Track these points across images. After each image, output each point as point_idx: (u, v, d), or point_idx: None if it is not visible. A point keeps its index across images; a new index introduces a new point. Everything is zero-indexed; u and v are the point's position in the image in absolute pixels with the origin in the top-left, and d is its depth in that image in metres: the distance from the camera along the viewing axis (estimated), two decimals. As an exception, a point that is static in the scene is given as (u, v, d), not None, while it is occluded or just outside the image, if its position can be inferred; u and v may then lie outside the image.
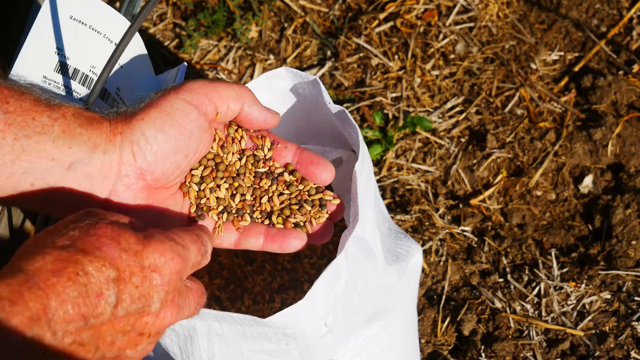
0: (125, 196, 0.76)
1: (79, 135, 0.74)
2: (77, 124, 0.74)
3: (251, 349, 0.85)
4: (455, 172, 1.38)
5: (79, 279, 0.61)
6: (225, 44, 1.49)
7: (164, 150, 0.76)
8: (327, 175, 0.85)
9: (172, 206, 0.81)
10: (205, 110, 0.79)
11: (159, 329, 0.67)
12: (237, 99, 0.81)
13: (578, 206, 1.35)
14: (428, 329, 1.25)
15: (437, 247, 1.31)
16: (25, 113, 0.72)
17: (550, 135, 1.39)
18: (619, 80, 1.41)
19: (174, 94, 0.78)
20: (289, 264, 1.19)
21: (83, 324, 0.61)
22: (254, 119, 0.82)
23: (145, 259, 0.65)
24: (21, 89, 0.74)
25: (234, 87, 0.81)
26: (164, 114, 0.77)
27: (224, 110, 0.81)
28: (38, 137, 0.72)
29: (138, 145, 0.75)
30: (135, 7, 1.02)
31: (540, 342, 1.22)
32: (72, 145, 0.73)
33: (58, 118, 0.74)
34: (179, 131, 0.77)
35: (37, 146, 0.72)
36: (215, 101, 0.80)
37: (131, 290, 0.64)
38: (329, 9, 1.51)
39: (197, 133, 0.79)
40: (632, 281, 1.25)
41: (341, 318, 0.87)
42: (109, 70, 0.85)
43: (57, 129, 0.73)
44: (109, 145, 0.75)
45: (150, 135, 0.76)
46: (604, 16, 1.49)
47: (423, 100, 1.43)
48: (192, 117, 0.78)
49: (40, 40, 0.94)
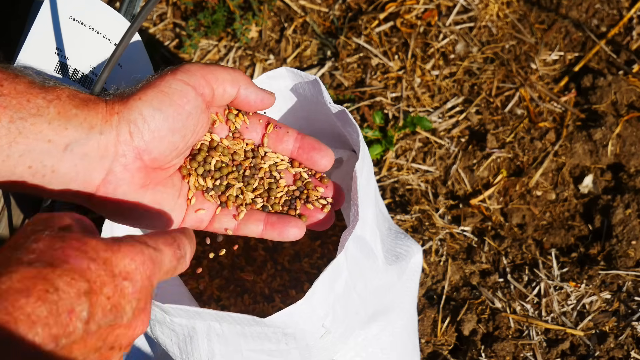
0: (123, 177, 0.76)
1: (74, 116, 0.73)
2: (72, 105, 0.74)
3: (251, 348, 0.85)
4: (455, 172, 1.38)
5: (49, 296, 0.56)
6: (225, 44, 1.49)
7: (161, 129, 0.76)
8: (327, 161, 0.85)
9: (169, 188, 0.80)
10: (203, 92, 0.79)
11: (129, 341, 0.62)
12: (233, 82, 0.81)
13: (578, 206, 1.35)
14: (428, 329, 1.25)
15: (437, 247, 1.31)
16: (20, 95, 0.72)
17: (550, 135, 1.39)
18: (619, 80, 1.41)
19: (171, 74, 0.78)
20: (289, 264, 1.19)
21: (54, 346, 0.56)
22: (251, 101, 0.82)
23: (115, 267, 0.60)
24: (15, 71, 0.74)
25: (230, 71, 0.81)
26: (161, 93, 0.76)
27: (221, 93, 0.81)
28: (34, 119, 0.72)
29: (135, 124, 0.75)
30: (135, 7, 1.02)
31: (540, 342, 1.22)
32: (67, 126, 0.73)
33: (53, 100, 0.73)
34: (176, 111, 0.77)
35: (33, 128, 0.72)
36: (212, 83, 0.79)
37: (103, 303, 0.58)
38: (329, 9, 1.51)
39: (194, 113, 0.78)
40: (632, 281, 1.25)
41: (341, 318, 0.87)
42: (109, 71, 0.85)
43: (53, 110, 0.73)
44: (105, 125, 0.74)
45: (147, 115, 0.75)
46: (604, 16, 1.49)
47: (423, 100, 1.43)
48: (189, 98, 0.77)
49: (40, 41, 0.94)
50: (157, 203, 0.79)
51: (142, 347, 1.05)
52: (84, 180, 0.75)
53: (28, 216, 1.22)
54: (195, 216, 0.83)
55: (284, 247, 1.20)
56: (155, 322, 0.86)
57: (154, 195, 0.79)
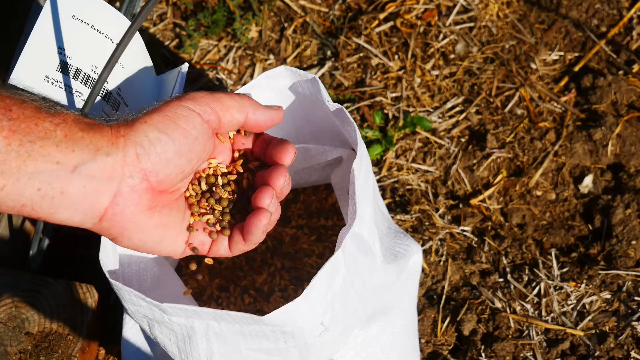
0: (130, 197, 0.77)
1: (81, 139, 0.75)
2: (78, 128, 0.75)
3: (249, 347, 0.85)
4: (455, 172, 1.38)
5: None
6: (225, 44, 1.49)
7: (167, 152, 0.77)
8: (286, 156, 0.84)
9: (175, 211, 0.82)
10: (209, 119, 0.80)
11: None
12: (240, 109, 0.82)
13: (578, 206, 1.35)
14: (428, 329, 1.25)
15: (437, 247, 1.31)
16: (29, 120, 0.73)
17: (550, 135, 1.39)
18: (619, 80, 1.41)
19: (176, 101, 0.79)
20: (288, 264, 1.19)
21: None
22: (261, 122, 0.84)
23: None
24: (22, 97, 0.75)
25: (235, 98, 0.82)
26: (167, 118, 0.78)
27: (228, 120, 0.82)
28: (42, 142, 0.73)
29: (142, 146, 0.76)
30: (135, 7, 1.02)
31: (540, 342, 1.22)
32: (75, 148, 0.74)
33: (60, 123, 0.75)
34: (182, 135, 0.78)
35: (42, 150, 0.73)
36: (217, 111, 0.81)
37: None
38: (329, 9, 1.51)
39: (201, 139, 0.80)
40: (632, 281, 1.25)
41: (339, 316, 0.87)
42: (109, 70, 0.85)
43: (60, 133, 0.74)
44: (111, 147, 0.76)
45: (153, 137, 0.77)
46: (604, 16, 1.49)
47: (423, 100, 1.43)
48: (195, 123, 0.79)
49: (42, 40, 0.94)
50: (164, 226, 0.81)
51: (141, 347, 1.05)
52: (92, 203, 0.76)
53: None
54: (198, 240, 0.84)
55: (284, 247, 1.20)
56: (154, 322, 0.86)
57: (160, 218, 0.80)
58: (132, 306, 0.85)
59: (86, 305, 1.13)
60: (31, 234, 1.24)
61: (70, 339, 1.11)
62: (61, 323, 1.12)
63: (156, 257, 0.94)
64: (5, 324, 1.11)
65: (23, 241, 1.23)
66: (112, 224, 0.78)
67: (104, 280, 0.90)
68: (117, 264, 0.91)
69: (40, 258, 1.19)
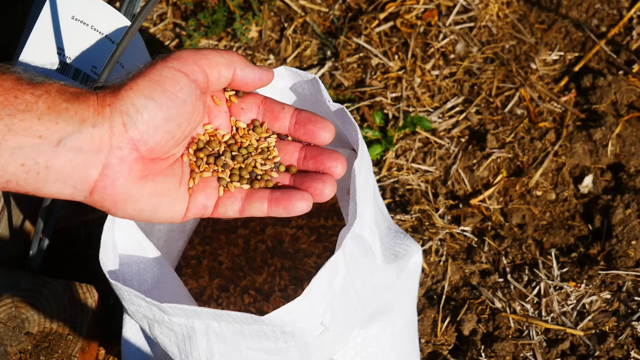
0: (120, 169, 0.74)
1: (65, 110, 0.72)
2: (62, 99, 0.73)
3: (250, 347, 0.85)
4: (455, 172, 1.38)
5: None
6: (225, 44, 1.49)
7: (155, 118, 0.75)
8: (326, 133, 0.82)
9: (170, 177, 0.79)
10: (196, 78, 0.77)
11: None
12: (228, 65, 0.79)
13: (578, 206, 1.35)
14: (428, 329, 1.25)
15: (437, 247, 1.31)
16: (7, 92, 0.71)
17: (550, 135, 1.39)
18: (619, 80, 1.41)
19: (162, 62, 0.76)
20: (288, 264, 1.19)
21: None
22: (249, 81, 0.81)
23: None
24: (1, 69, 0.73)
25: (223, 53, 0.79)
26: (152, 82, 0.75)
27: (216, 77, 0.79)
28: (22, 115, 0.71)
29: (128, 115, 0.74)
30: (135, 7, 1.02)
31: (540, 342, 1.22)
32: (58, 120, 0.72)
33: (42, 95, 0.72)
34: (169, 99, 0.75)
35: (22, 124, 0.71)
36: (205, 68, 0.78)
37: None
38: (329, 9, 1.51)
39: (189, 101, 0.77)
40: (632, 281, 1.25)
41: (339, 316, 0.87)
42: (109, 70, 0.85)
43: (42, 105, 0.72)
44: (97, 117, 0.73)
45: (140, 104, 0.74)
46: (604, 16, 1.49)
47: (423, 100, 1.43)
48: (182, 85, 0.76)
49: (42, 41, 0.94)
50: (158, 194, 0.78)
51: (141, 347, 1.05)
52: (80, 176, 0.74)
53: (28, 216, 1.22)
54: (200, 204, 0.81)
55: (284, 247, 1.20)
56: (154, 322, 0.86)
57: (154, 186, 0.77)
58: (132, 306, 0.85)
59: (86, 305, 1.13)
60: (31, 234, 1.24)
61: (70, 339, 1.11)
62: (61, 323, 1.12)
63: (156, 257, 0.94)
64: (5, 323, 1.11)
65: (23, 241, 1.23)
66: (104, 197, 0.75)
67: (104, 280, 0.90)
68: (117, 264, 0.91)
69: (40, 258, 1.19)
